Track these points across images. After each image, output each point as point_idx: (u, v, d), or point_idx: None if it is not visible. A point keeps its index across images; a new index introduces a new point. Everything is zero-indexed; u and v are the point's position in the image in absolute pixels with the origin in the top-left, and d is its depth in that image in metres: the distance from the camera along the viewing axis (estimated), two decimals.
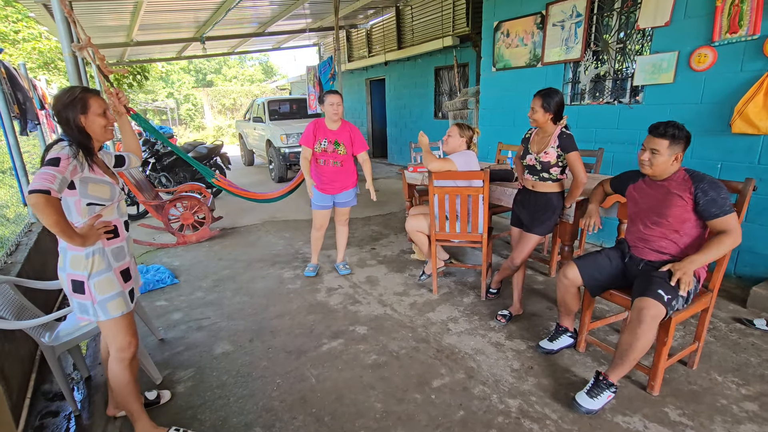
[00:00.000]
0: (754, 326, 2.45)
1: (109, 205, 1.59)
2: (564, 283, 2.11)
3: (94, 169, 1.54)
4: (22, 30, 10.25)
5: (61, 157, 1.41)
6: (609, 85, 3.76)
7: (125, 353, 1.65)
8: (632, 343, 1.75)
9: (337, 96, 3.04)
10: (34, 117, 3.75)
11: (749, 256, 2.90)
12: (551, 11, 3.94)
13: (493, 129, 4.84)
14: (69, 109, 1.51)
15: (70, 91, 1.55)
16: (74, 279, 1.53)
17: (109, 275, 1.56)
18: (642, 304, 1.74)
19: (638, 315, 1.73)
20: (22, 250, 2.71)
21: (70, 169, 1.41)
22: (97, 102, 1.57)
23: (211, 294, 3.17)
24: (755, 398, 1.90)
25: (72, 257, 1.52)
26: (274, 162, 7.79)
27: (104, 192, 1.56)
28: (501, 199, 2.92)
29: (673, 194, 1.85)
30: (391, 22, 8.56)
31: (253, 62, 28.93)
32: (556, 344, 2.27)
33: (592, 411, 1.80)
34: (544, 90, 2.31)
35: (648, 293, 1.75)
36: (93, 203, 1.53)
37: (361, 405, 1.94)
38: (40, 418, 1.96)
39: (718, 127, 2.95)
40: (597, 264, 2.06)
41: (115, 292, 1.57)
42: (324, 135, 3.08)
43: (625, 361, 1.80)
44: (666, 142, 1.81)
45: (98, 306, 1.54)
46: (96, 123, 1.56)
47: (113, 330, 1.61)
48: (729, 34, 2.80)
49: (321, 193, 3.21)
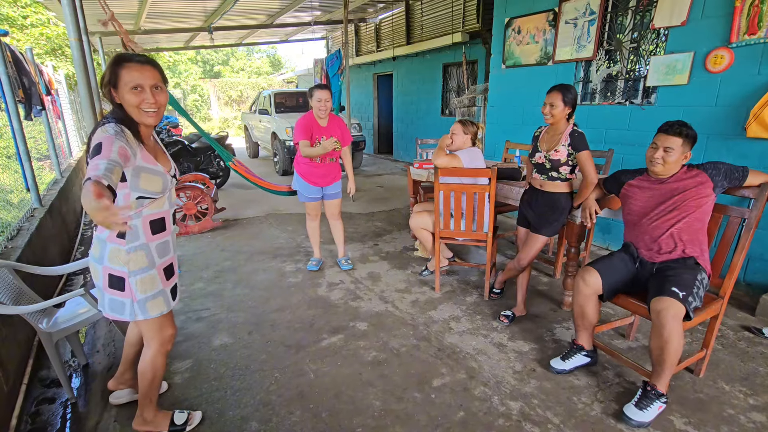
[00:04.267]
0: (763, 335, 2.40)
1: (159, 197, 1.42)
2: (584, 291, 1.95)
3: (143, 154, 1.33)
4: (31, 15, 10.25)
5: (103, 141, 1.20)
6: (621, 85, 3.69)
7: (168, 345, 1.61)
8: (663, 347, 1.68)
9: (326, 92, 2.95)
10: (39, 102, 3.73)
11: (759, 264, 2.85)
12: (564, 8, 3.86)
13: (501, 127, 4.77)
14: (103, 80, 1.32)
15: (113, 58, 1.34)
16: (113, 274, 1.39)
17: (152, 273, 1.43)
18: (660, 305, 1.68)
19: (658, 317, 1.68)
20: (24, 235, 2.69)
21: (115, 149, 1.18)
22: (129, 73, 1.29)
23: (211, 285, 3.15)
24: (763, 409, 1.85)
25: (112, 250, 1.37)
26: (279, 154, 7.76)
27: (156, 184, 1.38)
28: (508, 198, 2.88)
29: (689, 189, 1.85)
30: (400, 16, 8.48)
31: (260, 54, 28.87)
32: (569, 364, 2.07)
33: (644, 423, 1.72)
34: (562, 85, 2.25)
35: (663, 292, 1.71)
36: (143, 197, 1.36)
37: (359, 402, 1.91)
38: (36, 404, 1.95)
39: (732, 130, 2.88)
40: (614, 268, 1.98)
41: (156, 291, 1.46)
42: (319, 133, 3.02)
43: (663, 368, 1.73)
44: (680, 140, 1.83)
45: (137, 305, 1.43)
46: (126, 100, 1.31)
47: (156, 326, 1.53)
48: (747, 36, 2.73)
49: (311, 185, 3.18)
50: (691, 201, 1.85)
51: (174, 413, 1.75)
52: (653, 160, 1.89)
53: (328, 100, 2.95)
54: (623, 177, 2.10)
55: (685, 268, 1.82)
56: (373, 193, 6.34)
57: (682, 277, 1.76)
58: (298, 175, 3.19)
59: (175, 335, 1.64)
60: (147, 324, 1.52)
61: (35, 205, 3.29)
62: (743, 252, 1.89)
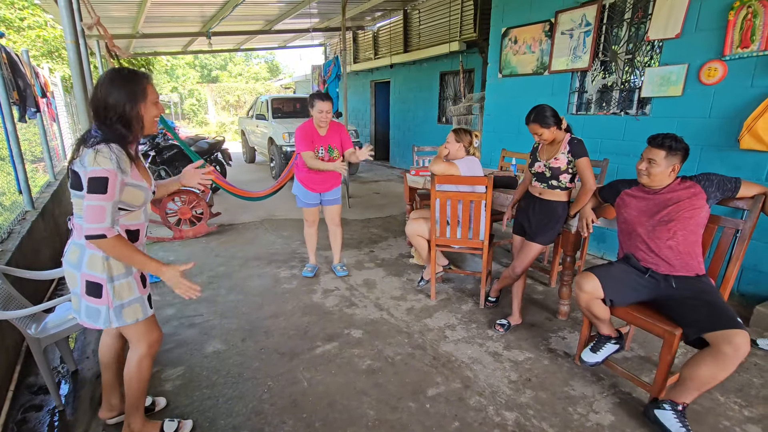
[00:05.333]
0: (757, 346, 2.40)
1: (137, 210, 1.46)
2: (583, 297, 1.93)
3: (132, 171, 1.37)
4: (28, 17, 10.22)
5: (109, 176, 1.25)
6: (616, 95, 3.72)
7: (155, 348, 1.59)
8: (717, 376, 1.61)
9: (328, 103, 2.91)
10: (33, 104, 3.70)
11: (753, 275, 2.86)
12: (560, 19, 3.91)
13: (497, 136, 4.80)
14: (127, 95, 1.31)
15: (127, 74, 1.35)
16: (91, 280, 1.40)
17: (128, 280, 1.45)
18: (739, 340, 1.55)
19: (735, 350, 1.55)
20: (14, 238, 2.65)
21: (118, 188, 1.28)
22: (152, 89, 1.41)
23: (205, 291, 3.12)
24: (758, 420, 1.85)
25: (90, 256, 1.38)
26: (275, 160, 7.74)
27: (137, 198, 1.41)
28: (503, 206, 2.88)
29: (682, 200, 1.86)
30: (398, 25, 8.54)
31: (258, 60, 29.00)
32: (601, 354, 2.05)
33: None
34: (531, 114, 2.27)
35: (735, 324, 1.60)
36: (122, 208, 1.39)
37: (353, 411, 1.89)
38: (22, 411, 1.91)
39: (725, 142, 2.91)
40: (620, 279, 1.93)
41: (133, 298, 1.46)
42: (319, 142, 3.02)
43: (702, 391, 1.68)
44: (663, 152, 1.84)
45: (113, 312, 1.42)
46: (150, 113, 1.40)
47: (144, 328, 1.53)
48: (740, 49, 2.77)
49: (309, 192, 3.16)
50: (685, 212, 1.85)
51: (164, 422, 1.72)
52: (639, 172, 1.94)
53: (329, 111, 2.93)
54: (620, 186, 2.12)
55: (716, 292, 1.82)
56: (370, 199, 6.33)
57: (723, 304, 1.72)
58: (298, 182, 3.19)
59: (161, 339, 1.63)
60: (134, 327, 1.51)
61: (27, 208, 3.25)
62: (737, 263, 1.90)
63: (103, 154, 1.26)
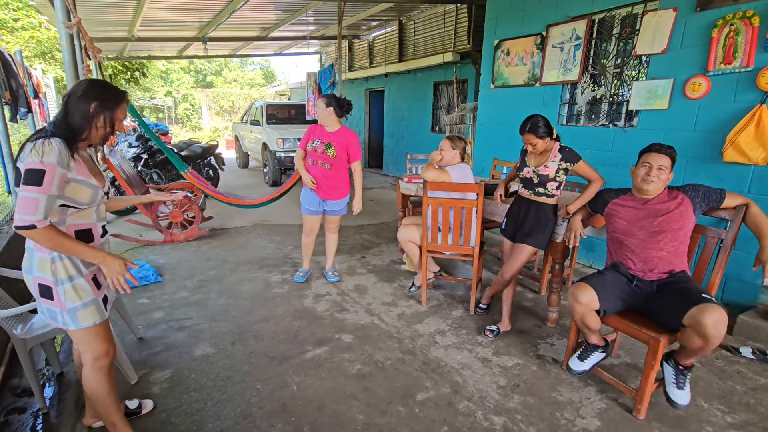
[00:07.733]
0: (740, 354, 2.45)
1: (85, 208, 1.43)
2: (579, 310, 1.94)
3: (79, 168, 1.37)
4: (22, 18, 10.17)
5: (46, 169, 1.23)
6: (605, 108, 3.81)
7: (102, 362, 1.50)
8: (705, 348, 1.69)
9: (320, 101, 3.07)
10: (25, 105, 3.68)
11: (736, 284, 2.92)
12: (551, 33, 4.00)
13: (490, 145, 4.87)
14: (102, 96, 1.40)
15: (114, 86, 1.50)
16: (41, 283, 1.38)
17: (80, 282, 1.41)
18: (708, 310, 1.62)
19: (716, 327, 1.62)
20: (2, 238, 2.62)
21: (56, 182, 1.26)
22: (125, 108, 1.50)
23: (195, 294, 3.10)
24: (740, 426, 1.88)
25: (39, 259, 1.37)
26: (269, 165, 7.75)
27: (84, 195, 1.39)
28: (494, 214, 2.92)
29: (671, 211, 1.92)
30: (393, 35, 8.66)
31: (254, 66, 29.02)
32: (588, 363, 2.08)
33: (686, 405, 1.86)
34: (527, 125, 2.31)
35: (704, 300, 1.68)
36: (66, 204, 1.36)
37: (342, 416, 1.89)
38: (5, 414, 1.87)
39: (709, 154, 2.99)
40: (611, 287, 1.96)
41: (86, 300, 1.42)
42: (318, 136, 3.09)
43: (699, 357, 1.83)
44: (670, 160, 1.93)
45: (67, 314, 1.40)
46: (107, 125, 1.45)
47: (87, 338, 1.46)
48: (723, 65, 2.86)
49: (310, 194, 3.17)
50: (674, 223, 1.90)
51: None
52: (647, 179, 1.93)
53: (322, 108, 3.04)
54: (607, 196, 2.16)
55: (689, 280, 1.90)
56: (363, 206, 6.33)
57: (697, 287, 1.82)
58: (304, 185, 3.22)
59: (113, 352, 1.55)
60: (78, 334, 1.45)
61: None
62: (720, 271, 1.95)
63: (43, 147, 1.26)
